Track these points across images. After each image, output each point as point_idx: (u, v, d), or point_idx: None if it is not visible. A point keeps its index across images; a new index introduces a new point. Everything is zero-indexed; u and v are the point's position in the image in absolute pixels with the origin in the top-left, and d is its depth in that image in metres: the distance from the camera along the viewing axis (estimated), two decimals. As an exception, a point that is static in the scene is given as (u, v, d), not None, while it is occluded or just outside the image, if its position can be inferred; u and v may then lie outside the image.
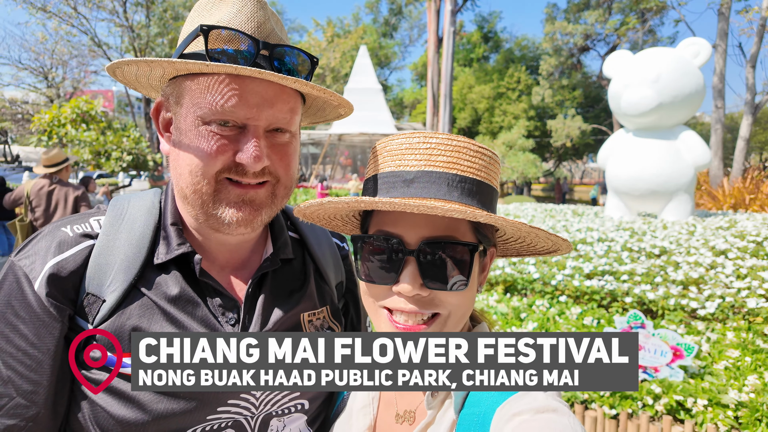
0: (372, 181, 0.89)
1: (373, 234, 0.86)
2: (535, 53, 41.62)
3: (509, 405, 0.79)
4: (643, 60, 8.39)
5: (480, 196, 0.84)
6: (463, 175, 0.82)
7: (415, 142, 0.84)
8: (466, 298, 0.85)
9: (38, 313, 0.85)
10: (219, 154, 0.86)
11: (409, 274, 0.81)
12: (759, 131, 35.09)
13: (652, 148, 8.39)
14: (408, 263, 0.81)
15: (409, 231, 0.82)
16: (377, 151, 0.90)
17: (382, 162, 0.88)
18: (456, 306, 0.84)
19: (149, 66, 0.87)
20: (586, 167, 61.39)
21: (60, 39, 27.11)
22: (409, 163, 0.83)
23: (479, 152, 0.85)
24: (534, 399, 0.78)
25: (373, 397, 0.99)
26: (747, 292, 4.62)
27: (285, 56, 0.90)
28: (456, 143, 0.83)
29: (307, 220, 0.96)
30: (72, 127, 16.80)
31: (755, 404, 3.05)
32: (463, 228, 0.84)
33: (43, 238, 0.91)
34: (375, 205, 0.79)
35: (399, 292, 0.82)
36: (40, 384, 0.85)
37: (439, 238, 0.81)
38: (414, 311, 0.82)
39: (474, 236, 0.85)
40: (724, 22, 17.95)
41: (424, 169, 0.82)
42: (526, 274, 5.69)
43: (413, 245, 0.81)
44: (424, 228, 0.81)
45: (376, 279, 0.85)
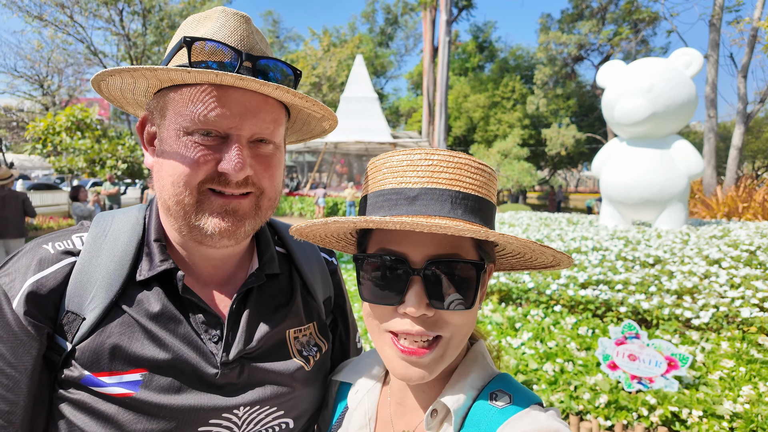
0: (372, 198, 0.86)
1: (377, 253, 0.84)
2: (530, 63, 41.97)
3: (510, 425, 0.77)
4: (637, 70, 8.46)
5: (482, 212, 0.83)
6: (466, 192, 0.81)
7: (416, 159, 0.82)
8: (470, 317, 0.84)
9: (16, 331, 0.83)
10: (201, 164, 0.85)
11: (414, 294, 0.78)
12: (751, 140, 35.42)
13: (645, 157, 8.44)
14: (413, 283, 0.79)
15: (413, 250, 0.80)
16: (376, 167, 0.88)
17: (383, 178, 0.85)
18: (459, 326, 0.82)
19: (132, 76, 0.86)
20: (580, 176, 61.77)
21: (56, 47, 27.12)
22: (411, 180, 0.81)
23: (480, 169, 0.84)
24: (536, 420, 0.76)
25: (370, 417, 0.96)
26: (741, 301, 4.63)
27: (269, 70, 0.89)
28: (458, 160, 0.82)
29: (303, 238, 0.94)
30: (67, 135, 16.80)
31: (750, 415, 3.04)
32: (467, 246, 0.82)
33: (24, 255, 0.90)
34: (384, 225, 0.76)
35: (405, 313, 0.80)
36: (16, 404, 0.83)
37: (444, 257, 0.79)
38: (421, 333, 0.80)
39: (477, 253, 0.83)
40: (716, 33, 18.18)
41: (427, 186, 0.80)
42: (521, 284, 5.68)
43: (419, 264, 0.79)
44: (429, 246, 0.79)
45: (379, 299, 0.83)
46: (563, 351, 4.06)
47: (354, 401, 1.00)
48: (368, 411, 0.97)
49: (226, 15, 0.91)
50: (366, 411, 0.97)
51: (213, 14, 0.92)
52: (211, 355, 0.92)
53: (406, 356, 0.80)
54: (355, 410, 0.99)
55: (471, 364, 0.91)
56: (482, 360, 0.93)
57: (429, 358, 0.81)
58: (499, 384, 0.88)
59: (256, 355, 0.97)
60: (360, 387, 1.02)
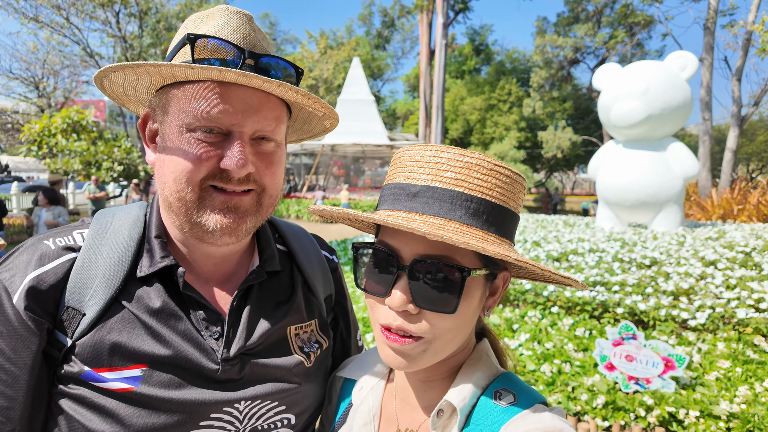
0: (385, 189, 0.88)
1: (372, 244, 0.85)
2: (526, 66, 42.16)
3: (515, 424, 0.77)
4: (632, 73, 8.51)
5: (489, 217, 0.79)
6: (470, 194, 0.78)
7: (426, 155, 0.81)
8: (456, 323, 0.81)
9: (16, 327, 0.83)
10: (203, 160, 0.85)
11: (399, 289, 0.79)
12: (746, 143, 35.62)
13: (641, 159, 8.48)
14: (400, 278, 0.79)
15: (405, 246, 0.80)
16: (395, 160, 0.88)
17: (394, 172, 0.86)
18: (443, 330, 0.80)
19: (135, 73, 0.86)
20: (576, 178, 61.95)
21: (52, 49, 26.98)
22: (416, 177, 0.81)
23: (494, 170, 0.80)
24: (540, 419, 0.76)
25: (374, 414, 0.96)
26: (736, 302, 4.65)
27: (271, 67, 0.90)
28: (467, 159, 0.79)
29: (332, 218, 0.92)
30: (62, 137, 16.71)
31: (746, 415, 3.05)
32: (463, 249, 0.78)
33: (25, 251, 0.90)
34: (369, 219, 0.78)
35: (389, 306, 0.81)
36: (15, 400, 0.82)
37: (430, 257, 0.78)
38: (400, 328, 0.80)
39: (476, 259, 0.81)
40: (710, 37, 18.30)
41: (429, 184, 0.79)
42: (518, 285, 5.69)
43: (406, 261, 0.79)
44: (420, 245, 0.79)
45: (371, 289, 0.84)
46: (561, 352, 4.07)
47: (358, 398, 1.00)
48: (372, 408, 0.97)
49: (228, 13, 0.91)
50: (370, 408, 0.97)
51: (216, 12, 0.92)
52: (211, 352, 0.92)
53: (390, 343, 0.81)
54: (360, 407, 0.99)
55: (476, 362, 0.91)
56: (486, 359, 0.93)
57: (410, 349, 0.81)
58: (503, 383, 0.88)
59: (257, 351, 0.97)
60: (364, 384, 1.02)
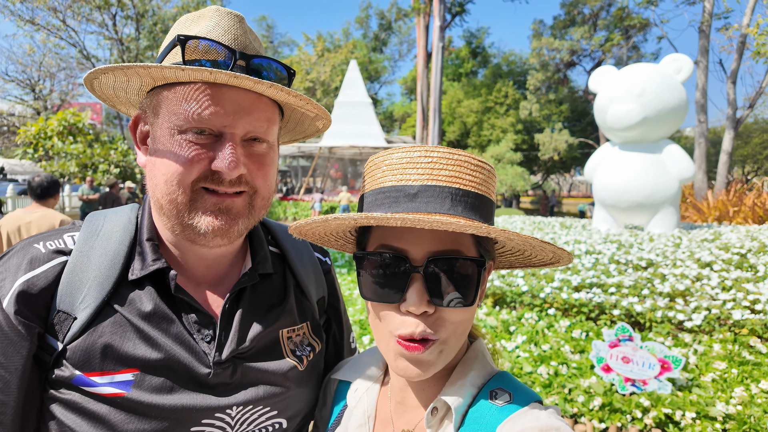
0: (372, 195, 0.86)
1: (378, 250, 0.83)
2: (523, 68, 42.28)
3: (510, 423, 0.77)
4: (628, 75, 8.54)
5: (481, 209, 0.83)
6: (466, 189, 0.81)
7: (416, 156, 0.82)
8: (469, 315, 0.84)
9: (6, 331, 0.82)
10: (195, 162, 0.85)
11: (416, 291, 0.78)
12: (741, 145, 35.82)
13: (637, 161, 8.50)
14: (414, 280, 0.79)
15: (414, 246, 0.79)
16: (375, 165, 0.87)
17: (382, 176, 0.85)
18: (458, 324, 0.81)
19: (126, 74, 0.85)
20: (573, 180, 62.12)
21: (48, 51, 26.91)
22: (411, 177, 0.81)
23: (479, 166, 0.84)
24: (537, 417, 0.76)
25: (369, 415, 0.96)
26: (732, 303, 4.66)
27: (262, 68, 0.89)
28: (458, 157, 0.82)
29: (302, 237, 0.93)
30: (59, 140, 16.64)
31: (742, 416, 3.05)
32: (467, 243, 0.81)
33: (15, 254, 0.89)
34: (386, 221, 0.75)
35: (407, 312, 0.79)
36: (6, 404, 0.81)
37: (445, 253, 0.79)
38: (424, 335, 0.79)
39: (477, 250, 0.83)
40: (705, 39, 18.42)
41: (427, 183, 0.80)
42: (515, 287, 5.69)
43: (419, 261, 0.79)
44: (429, 243, 0.79)
45: (380, 298, 0.82)
46: (557, 354, 4.07)
47: (353, 399, 1.00)
48: (367, 409, 0.97)
49: (219, 14, 0.91)
50: (365, 409, 0.97)
51: (207, 13, 0.92)
52: (203, 355, 0.91)
53: (408, 353, 0.79)
54: (354, 408, 0.98)
55: (471, 362, 0.91)
56: (482, 358, 0.93)
57: (428, 354, 0.80)
58: (499, 382, 0.88)
59: (249, 354, 0.96)
60: (359, 385, 1.02)
